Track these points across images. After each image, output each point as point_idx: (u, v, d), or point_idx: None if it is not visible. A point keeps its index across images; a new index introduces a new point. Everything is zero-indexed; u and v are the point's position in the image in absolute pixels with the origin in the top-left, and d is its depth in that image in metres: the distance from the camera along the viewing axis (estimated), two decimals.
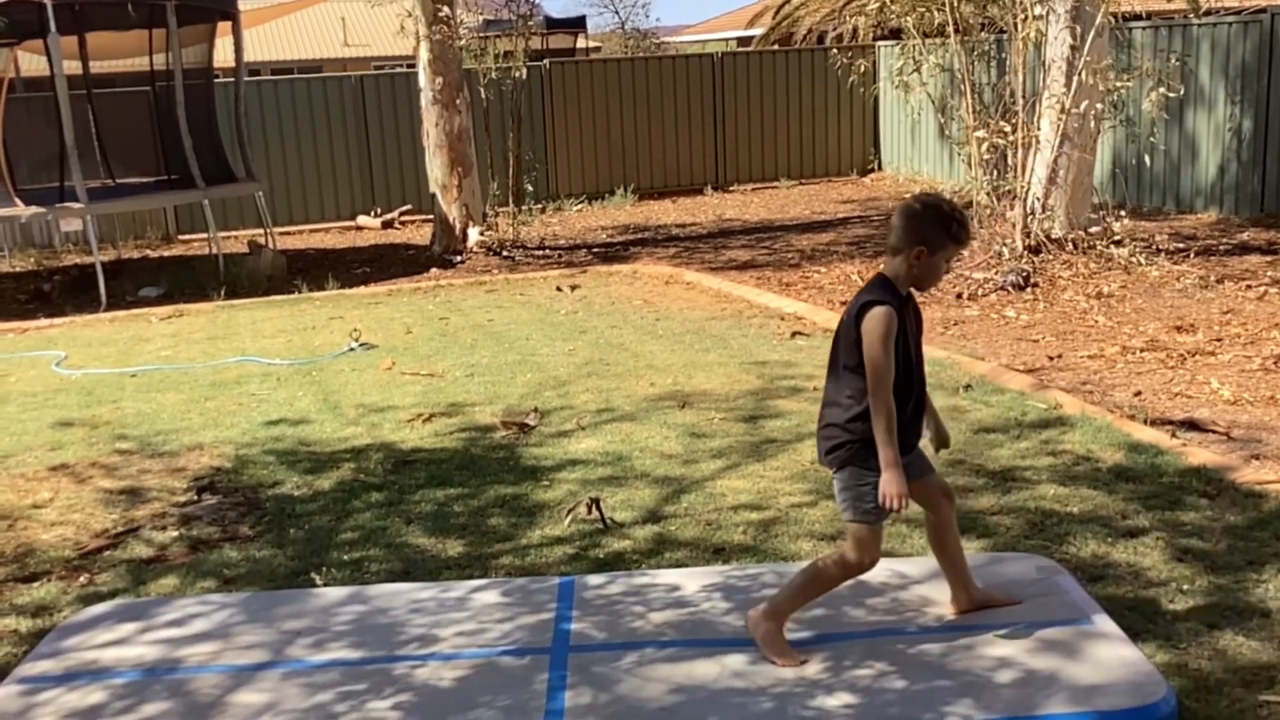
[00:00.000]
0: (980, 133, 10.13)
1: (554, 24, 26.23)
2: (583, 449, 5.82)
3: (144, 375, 7.98)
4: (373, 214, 16.42)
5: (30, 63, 14.57)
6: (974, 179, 10.43)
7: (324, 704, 3.44)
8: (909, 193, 13.41)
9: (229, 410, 6.92)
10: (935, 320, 8.45)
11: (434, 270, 12.35)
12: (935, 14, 10.47)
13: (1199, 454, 5.23)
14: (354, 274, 12.40)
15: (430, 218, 14.05)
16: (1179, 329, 7.79)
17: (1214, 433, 5.63)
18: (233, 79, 13.69)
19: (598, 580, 4.20)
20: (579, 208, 16.78)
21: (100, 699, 3.54)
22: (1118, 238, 9.88)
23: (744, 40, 30.56)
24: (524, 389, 7.05)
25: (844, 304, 5.10)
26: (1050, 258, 9.74)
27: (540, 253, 13.02)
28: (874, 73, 16.62)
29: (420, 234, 15.01)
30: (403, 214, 16.45)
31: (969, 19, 10.57)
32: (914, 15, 10.69)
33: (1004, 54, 12.09)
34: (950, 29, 10.23)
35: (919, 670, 3.45)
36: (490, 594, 4.13)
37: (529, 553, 4.62)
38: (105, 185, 13.76)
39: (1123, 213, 10.52)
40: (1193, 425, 5.73)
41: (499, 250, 12.86)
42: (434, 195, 13.33)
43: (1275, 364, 6.80)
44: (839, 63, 13.87)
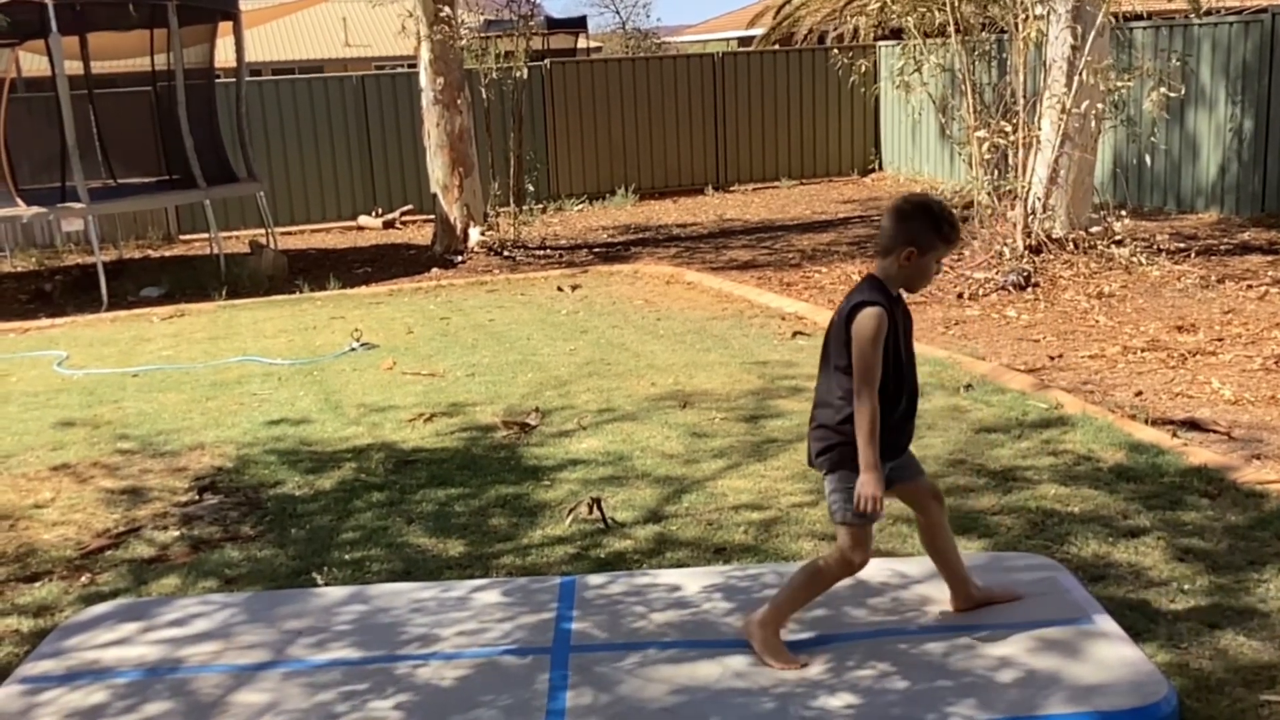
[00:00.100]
0: (981, 133, 10.12)
1: (555, 24, 26.25)
2: (584, 449, 5.82)
3: (145, 375, 7.99)
4: (374, 214, 16.42)
5: (31, 63, 14.58)
6: (975, 179, 10.43)
7: (325, 704, 3.44)
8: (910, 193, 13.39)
9: (230, 410, 6.93)
10: (936, 320, 8.45)
11: (435, 270, 12.35)
12: (936, 14, 10.47)
13: (1200, 454, 5.23)
14: (355, 274, 12.41)
15: (431, 218, 14.05)
16: (1180, 329, 7.79)
17: (1215, 432, 5.63)
18: (234, 79, 13.68)
19: (599, 580, 4.20)
20: (580, 208, 16.78)
21: (102, 699, 3.54)
22: (1119, 237, 9.88)
23: (745, 40, 30.54)
24: (525, 389, 7.06)
25: None
26: (1051, 257, 9.73)
27: (541, 253, 13.02)
28: (875, 73, 16.62)
29: (421, 234, 15.01)
30: (404, 214, 16.44)
31: (970, 19, 10.56)
32: (915, 15, 10.69)
33: (1005, 54, 12.07)
34: (951, 29, 10.23)
35: (920, 670, 3.45)
36: (491, 594, 4.13)
37: (530, 552, 4.62)
38: (107, 185, 13.77)
39: (1123, 212, 10.52)
40: (1194, 425, 5.73)
41: (500, 250, 12.86)
42: (435, 195, 13.33)
43: (1276, 364, 6.80)
44: (840, 63, 13.85)
